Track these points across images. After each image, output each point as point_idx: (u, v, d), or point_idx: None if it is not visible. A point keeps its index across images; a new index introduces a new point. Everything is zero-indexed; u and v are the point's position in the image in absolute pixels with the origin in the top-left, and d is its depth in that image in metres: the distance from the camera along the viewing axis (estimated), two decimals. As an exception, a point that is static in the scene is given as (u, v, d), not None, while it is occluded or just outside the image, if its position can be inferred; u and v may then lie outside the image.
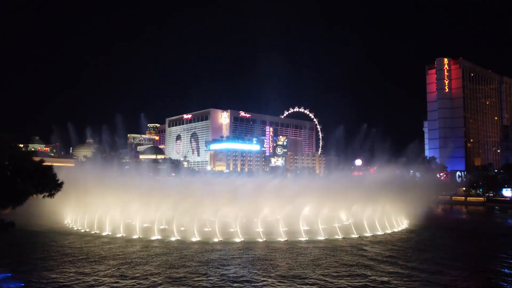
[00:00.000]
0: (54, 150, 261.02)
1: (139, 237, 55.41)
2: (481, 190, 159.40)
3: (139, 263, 40.81)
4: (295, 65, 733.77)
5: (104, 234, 58.22)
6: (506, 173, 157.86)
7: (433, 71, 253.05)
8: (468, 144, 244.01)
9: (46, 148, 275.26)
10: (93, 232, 59.68)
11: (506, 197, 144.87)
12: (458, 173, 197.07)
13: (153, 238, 54.84)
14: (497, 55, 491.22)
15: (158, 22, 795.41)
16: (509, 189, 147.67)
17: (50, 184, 27.77)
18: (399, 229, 66.27)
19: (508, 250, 51.96)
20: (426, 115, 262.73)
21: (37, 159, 30.46)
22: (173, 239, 53.87)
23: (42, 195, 28.23)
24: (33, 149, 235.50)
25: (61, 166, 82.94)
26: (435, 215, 75.08)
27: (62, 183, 28.83)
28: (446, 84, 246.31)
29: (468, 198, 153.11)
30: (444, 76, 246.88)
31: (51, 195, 28.19)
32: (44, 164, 29.52)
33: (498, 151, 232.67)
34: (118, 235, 56.77)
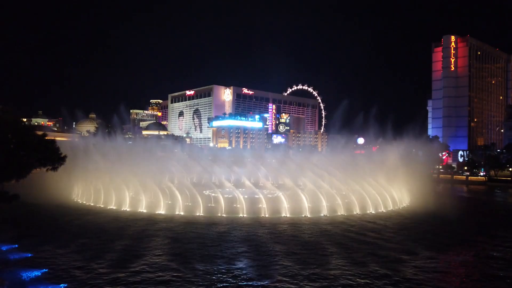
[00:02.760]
0: (57, 125, 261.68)
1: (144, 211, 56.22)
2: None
3: (143, 236, 41.56)
4: (299, 42, 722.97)
5: (109, 207, 59.09)
6: (508, 152, 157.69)
7: (440, 49, 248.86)
8: (472, 124, 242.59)
9: (49, 123, 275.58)
10: (98, 206, 60.53)
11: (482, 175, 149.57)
12: (460, 152, 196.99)
13: (157, 212, 55.59)
14: (505, 33, 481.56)
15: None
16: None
17: (53, 157, 28.02)
18: (401, 207, 66.91)
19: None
20: (431, 94, 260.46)
21: (39, 133, 30.61)
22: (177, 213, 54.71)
23: (46, 168, 28.53)
24: (36, 123, 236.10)
25: (64, 140, 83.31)
26: (436, 194, 75.16)
27: (65, 156, 29.11)
28: (452, 62, 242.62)
29: (469, 177, 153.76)
30: (451, 54, 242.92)
31: (54, 168, 28.49)
32: (46, 138, 29.73)
33: (502, 130, 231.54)
34: (124, 209, 57.64)
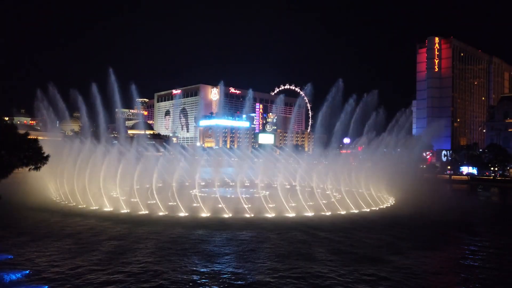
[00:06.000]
0: (40, 124, 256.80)
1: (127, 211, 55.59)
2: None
3: (124, 237, 41.16)
4: (286, 43, 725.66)
5: (91, 208, 58.28)
6: (490, 152, 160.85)
7: (424, 50, 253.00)
8: (455, 124, 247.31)
9: (32, 122, 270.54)
10: (80, 207, 59.65)
11: (465, 174, 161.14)
12: (443, 152, 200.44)
13: (140, 212, 55.01)
14: (488, 34, 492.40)
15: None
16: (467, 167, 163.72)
17: (36, 157, 27.47)
18: (384, 206, 67.54)
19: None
20: (415, 94, 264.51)
21: (22, 132, 29.97)
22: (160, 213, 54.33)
23: (28, 168, 27.96)
24: (18, 122, 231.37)
25: (47, 139, 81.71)
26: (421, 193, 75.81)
27: (48, 156, 28.54)
28: (436, 64, 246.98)
29: (452, 176, 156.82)
30: (435, 55, 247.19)
31: (36, 168, 27.92)
32: (29, 137, 29.11)
33: (484, 131, 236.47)
34: (106, 209, 56.91)
